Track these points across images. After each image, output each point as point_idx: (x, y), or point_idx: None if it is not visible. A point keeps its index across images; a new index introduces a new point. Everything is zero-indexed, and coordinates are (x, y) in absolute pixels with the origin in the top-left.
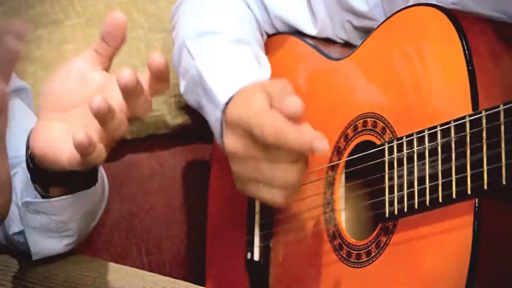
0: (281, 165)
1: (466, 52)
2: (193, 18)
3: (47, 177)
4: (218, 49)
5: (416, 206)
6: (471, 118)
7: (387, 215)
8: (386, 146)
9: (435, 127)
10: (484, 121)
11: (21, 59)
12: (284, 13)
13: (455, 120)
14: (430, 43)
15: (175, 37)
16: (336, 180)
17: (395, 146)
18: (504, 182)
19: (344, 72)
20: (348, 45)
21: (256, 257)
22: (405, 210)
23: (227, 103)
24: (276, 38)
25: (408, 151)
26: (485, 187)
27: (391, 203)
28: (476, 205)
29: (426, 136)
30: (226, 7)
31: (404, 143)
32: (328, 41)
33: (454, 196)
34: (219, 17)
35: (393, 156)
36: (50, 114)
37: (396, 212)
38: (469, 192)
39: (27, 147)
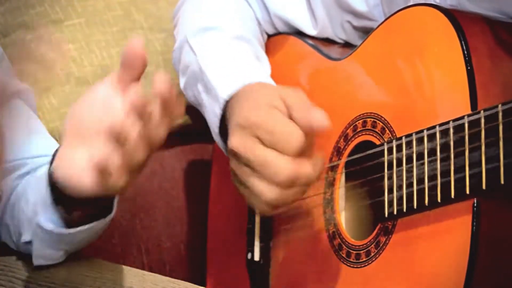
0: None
1: (465, 52)
2: (195, 15)
3: (67, 202)
4: (219, 45)
5: (415, 206)
6: (470, 118)
7: (386, 215)
8: (386, 146)
9: (434, 127)
10: (482, 121)
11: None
12: (284, 12)
13: (454, 120)
14: (429, 43)
15: (176, 35)
16: (336, 180)
17: (394, 146)
18: (502, 182)
19: (344, 72)
20: (348, 45)
21: (257, 257)
22: (404, 210)
23: (227, 101)
24: (276, 39)
25: (407, 151)
26: (484, 187)
27: (390, 203)
28: (475, 205)
29: (425, 136)
30: (228, 5)
31: (403, 143)
32: (328, 41)
33: (452, 196)
34: (221, 15)
35: (392, 156)
36: (73, 140)
37: (395, 212)
38: (467, 192)
39: (50, 173)
